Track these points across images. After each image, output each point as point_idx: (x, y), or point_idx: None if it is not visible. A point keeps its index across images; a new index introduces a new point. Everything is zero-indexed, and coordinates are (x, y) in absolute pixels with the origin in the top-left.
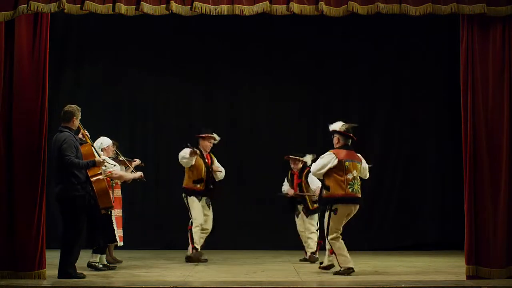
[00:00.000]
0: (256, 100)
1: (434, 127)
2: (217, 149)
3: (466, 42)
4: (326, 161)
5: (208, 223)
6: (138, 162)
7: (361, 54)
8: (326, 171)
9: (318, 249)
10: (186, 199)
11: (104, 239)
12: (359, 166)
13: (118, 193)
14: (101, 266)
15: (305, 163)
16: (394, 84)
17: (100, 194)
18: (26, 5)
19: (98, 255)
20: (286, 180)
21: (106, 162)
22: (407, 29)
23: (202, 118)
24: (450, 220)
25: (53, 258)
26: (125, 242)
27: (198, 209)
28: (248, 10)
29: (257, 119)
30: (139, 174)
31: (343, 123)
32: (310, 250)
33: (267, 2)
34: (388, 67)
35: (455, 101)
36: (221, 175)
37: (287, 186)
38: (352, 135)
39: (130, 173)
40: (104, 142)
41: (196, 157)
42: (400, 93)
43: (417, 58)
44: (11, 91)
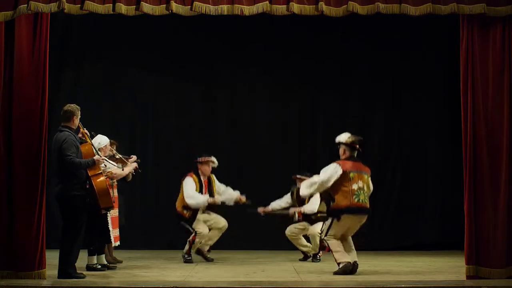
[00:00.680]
0: (256, 100)
1: (434, 127)
2: (217, 149)
3: (466, 42)
4: (331, 172)
5: (220, 222)
6: (134, 158)
7: (361, 54)
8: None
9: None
10: (186, 225)
11: (99, 240)
12: (366, 177)
13: (115, 193)
14: (99, 266)
15: None
16: (394, 84)
17: (101, 194)
18: (26, 5)
19: (94, 257)
20: (290, 195)
21: (106, 161)
22: (407, 29)
23: (202, 118)
24: (450, 220)
25: (53, 258)
26: (125, 242)
27: (200, 221)
28: (248, 10)
29: (257, 119)
30: (134, 166)
31: (350, 135)
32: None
33: (267, 2)
34: (388, 67)
35: (455, 101)
36: (218, 200)
37: (286, 201)
38: (358, 147)
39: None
40: (102, 141)
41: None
42: (400, 93)
43: (417, 58)
44: (11, 91)
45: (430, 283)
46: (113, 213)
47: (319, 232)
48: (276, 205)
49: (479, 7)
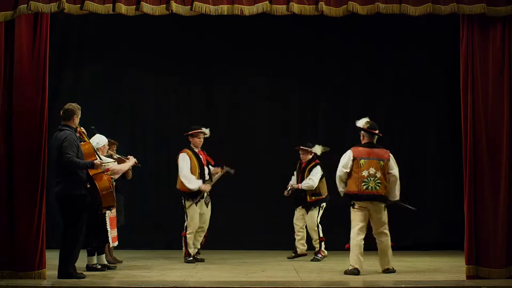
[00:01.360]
0: (256, 99)
1: (434, 127)
2: (217, 148)
3: (466, 42)
4: (345, 160)
5: (205, 222)
6: (131, 158)
7: (361, 54)
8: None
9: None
10: (184, 201)
11: (97, 240)
12: (381, 163)
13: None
14: (99, 266)
15: (314, 154)
16: (394, 84)
17: (104, 193)
18: (26, 5)
19: (94, 257)
20: (295, 172)
21: (103, 162)
22: (407, 29)
23: (202, 118)
24: (450, 220)
25: (53, 258)
26: (125, 242)
27: (193, 214)
28: (248, 10)
29: (257, 119)
30: (133, 161)
31: (367, 120)
32: (314, 248)
33: (267, 2)
34: (388, 67)
35: (455, 101)
36: (208, 188)
37: (294, 178)
38: (377, 132)
39: (123, 173)
40: (100, 141)
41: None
42: (400, 93)
43: (417, 58)
44: (11, 91)
45: (430, 283)
46: (111, 213)
47: (316, 225)
48: (292, 182)
49: (479, 7)
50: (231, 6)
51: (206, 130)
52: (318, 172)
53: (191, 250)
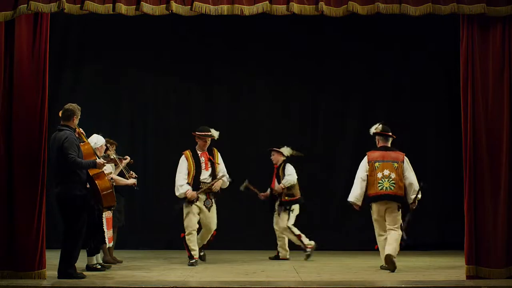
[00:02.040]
0: (256, 100)
1: (434, 127)
2: (217, 148)
3: (466, 42)
4: (362, 164)
5: (209, 224)
6: (128, 159)
7: (361, 54)
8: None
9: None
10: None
11: (94, 241)
12: (395, 165)
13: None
14: (99, 267)
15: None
16: (394, 83)
17: (105, 193)
18: (26, 5)
19: (94, 257)
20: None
21: (105, 162)
22: (407, 29)
23: (202, 118)
24: (450, 220)
25: (53, 258)
26: (125, 242)
27: (189, 216)
28: (248, 10)
29: (256, 119)
30: (132, 182)
31: (378, 124)
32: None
33: (267, 2)
34: (388, 67)
35: (455, 101)
36: (224, 184)
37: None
38: (390, 134)
39: (120, 172)
40: (98, 141)
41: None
42: (400, 93)
43: (417, 58)
44: (11, 91)
45: (430, 283)
46: (107, 214)
47: (287, 227)
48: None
49: (479, 7)
50: (231, 6)
51: (216, 133)
52: (291, 168)
53: (194, 252)
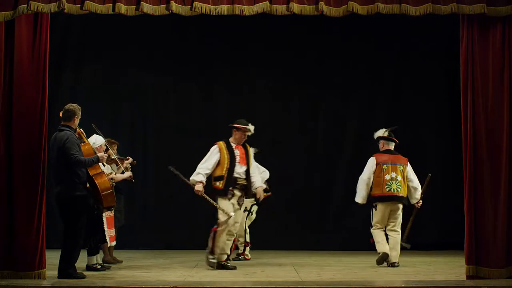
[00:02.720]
0: (256, 100)
1: (434, 127)
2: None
3: (466, 42)
4: (369, 166)
5: (233, 225)
6: (130, 160)
7: (361, 54)
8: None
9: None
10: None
11: (94, 240)
12: (401, 168)
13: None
14: (99, 266)
15: None
16: (394, 84)
17: (105, 193)
18: (26, 5)
19: (94, 257)
20: None
21: (105, 162)
22: (407, 29)
23: (202, 118)
24: (450, 220)
25: (53, 258)
26: (125, 242)
27: (227, 208)
28: (248, 10)
29: (257, 119)
30: (128, 175)
31: (385, 129)
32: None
33: (267, 2)
34: (388, 67)
35: (455, 101)
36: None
37: None
38: (394, 139)
39: (121, 172)
40: (97, 141)
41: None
42: (400, 93)
43: (417, 58)
44: (11, 91)
45: (430, 283)
46: (108, 213)
47: (245, 229)
48: None
49: (479, 7)
50: (231, 6)
51: (252, 128)
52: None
53: (218, 250)
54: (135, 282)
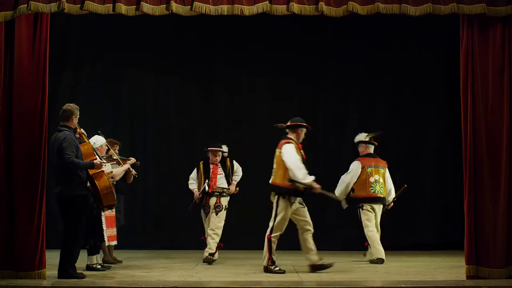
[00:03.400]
0: (256, 100)
1: (434, 127)
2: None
3: (466, 42)
4: (355, 169)
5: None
6: (133, 160)
7: (361, 54)
8: None
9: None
10: (278, 199)
11: (93, 239)
12: (382, 171)
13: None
14: (99, 266)
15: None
16: (394, 84)
17: (104, 193)
18: (26, 5)
19: (94, 257)
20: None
21: (105, 164)
22: (407, 29)
23: (202, 118)
24: (450, 220)
25: (53, 258)
26: (125, 242)
27: (285, 216)
28: (248, 10)
29: (257, 119)
30: (127, 167)
31: (367, 134)
32: (209, 250)
33: (267, 2)
34: (388, 67)
35: (455, 101)
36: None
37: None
38: (374, 142)
39: (125, 177)
40: (97, 141)
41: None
42: (400, 93)
43: (417, 58)
44: (11, 91)
45: (430, 283)
46: (108, 212)
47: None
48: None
49: (479, 7)
50: (231, 6)
51: (225, 149)
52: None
53: (275, 257)
54: (135, 282)
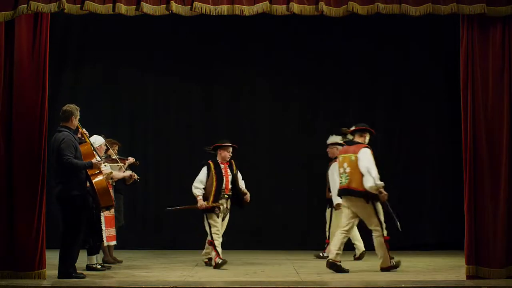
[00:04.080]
0: (256, 100)
1: (434, 127)
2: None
3: (466, 42)
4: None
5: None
6: (132, 160)
7: (361, 54)
8: None
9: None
10: (374, 204)
11: (93, 239)
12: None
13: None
14: (99, 266)
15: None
16: (394, 84)
17: (101, 193)
18: (26, 5)
19: (94, 257)
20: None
21: (103, 164)
22: (407, 29)
23: (202, 118)
24: (450, 220)
25: (53, 258)
26: (125, 242)
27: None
28: (248, 10)
29: (257, 119)
30: (128, 173)
31: (336, 136)
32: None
33: (267, 2)
34: (388, 67)
35: (455, 101)
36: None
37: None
38: (347, 131)
39: (121, 172)
40: (96, 141)
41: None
42: (400, 93)
43: (417, 58)
44: (11, 91)
45: (430, 283)
46: (107, 212)
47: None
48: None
49: (479, 7)
50: (231, 6)
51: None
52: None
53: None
54: (135, 282)
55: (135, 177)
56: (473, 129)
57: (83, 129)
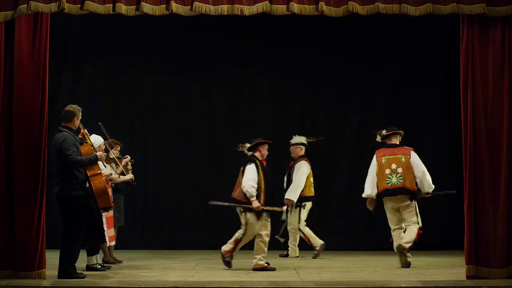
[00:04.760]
0: (256, 100)
1: (434, 127)
2: (217, 148)
3: (466, 42)
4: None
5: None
6: (128, 159)
7: (361, 54)
8: None
9: None
10: (415, 201)
11: (93, 239)
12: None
13: (109, 192)
14: (99, 266)
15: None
16: (394, 83)
17: (99, 194)
18: (26, 5)
19: (94, 257)
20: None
21: (104, 162)
22: (407, 29)
23: (202, 118)
24: (450, 220)
25: (53, 258)
26: (125, 242)
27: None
28: (248, 10)
29: (257, 119)
30: (129, 177)
31: (300, 136)
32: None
33: (267, 2)
34: (388, 67)
35: (455, 101)
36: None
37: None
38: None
39: (120, 171)
40: (96, 141)
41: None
42: (400, 93)
43: (417, 58)
44: (11, 91)
45: (430, 283)
46: (107, 213)
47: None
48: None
49: (479, 7)
50: (231, 6)
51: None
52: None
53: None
54: (135, 282)
55: (130, 177)
56: (473, 129)
57: (85, 129)
